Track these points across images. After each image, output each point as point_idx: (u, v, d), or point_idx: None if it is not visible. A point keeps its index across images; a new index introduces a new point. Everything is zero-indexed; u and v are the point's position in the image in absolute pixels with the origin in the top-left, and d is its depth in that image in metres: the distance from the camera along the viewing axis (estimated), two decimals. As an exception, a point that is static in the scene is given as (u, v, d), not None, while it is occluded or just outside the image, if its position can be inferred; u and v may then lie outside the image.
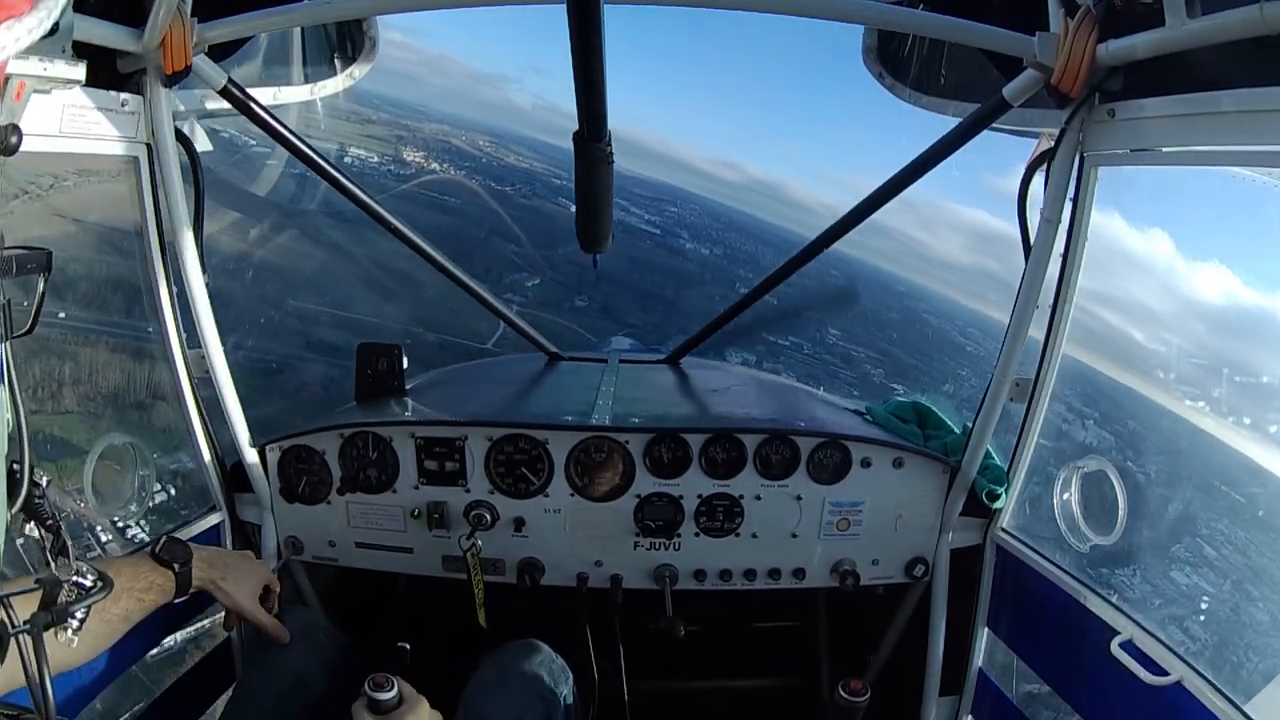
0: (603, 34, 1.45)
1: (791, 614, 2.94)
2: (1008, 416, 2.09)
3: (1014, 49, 1.74)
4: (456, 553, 2.28)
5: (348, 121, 45.91)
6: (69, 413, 3.39)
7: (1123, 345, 6.03)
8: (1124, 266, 3.74)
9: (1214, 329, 9.31)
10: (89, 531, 3.18)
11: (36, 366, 3.38)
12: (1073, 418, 10.52)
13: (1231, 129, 1.48)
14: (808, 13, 1.84)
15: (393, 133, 42.78)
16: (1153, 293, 7.89)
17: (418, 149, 39.04)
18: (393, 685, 1.55)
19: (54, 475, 1.08)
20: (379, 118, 44.16)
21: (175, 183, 1.98)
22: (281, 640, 1.88)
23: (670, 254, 31.31)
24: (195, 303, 2.08)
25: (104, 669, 1.82)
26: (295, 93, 2.46)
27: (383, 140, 42.04)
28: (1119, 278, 3.71)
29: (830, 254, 2.52)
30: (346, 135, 42.86)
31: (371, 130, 40.96)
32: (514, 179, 37.54)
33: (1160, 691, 1.64)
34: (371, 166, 38.24)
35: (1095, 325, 2.20)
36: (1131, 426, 6.38)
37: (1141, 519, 9.46)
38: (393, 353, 2.57)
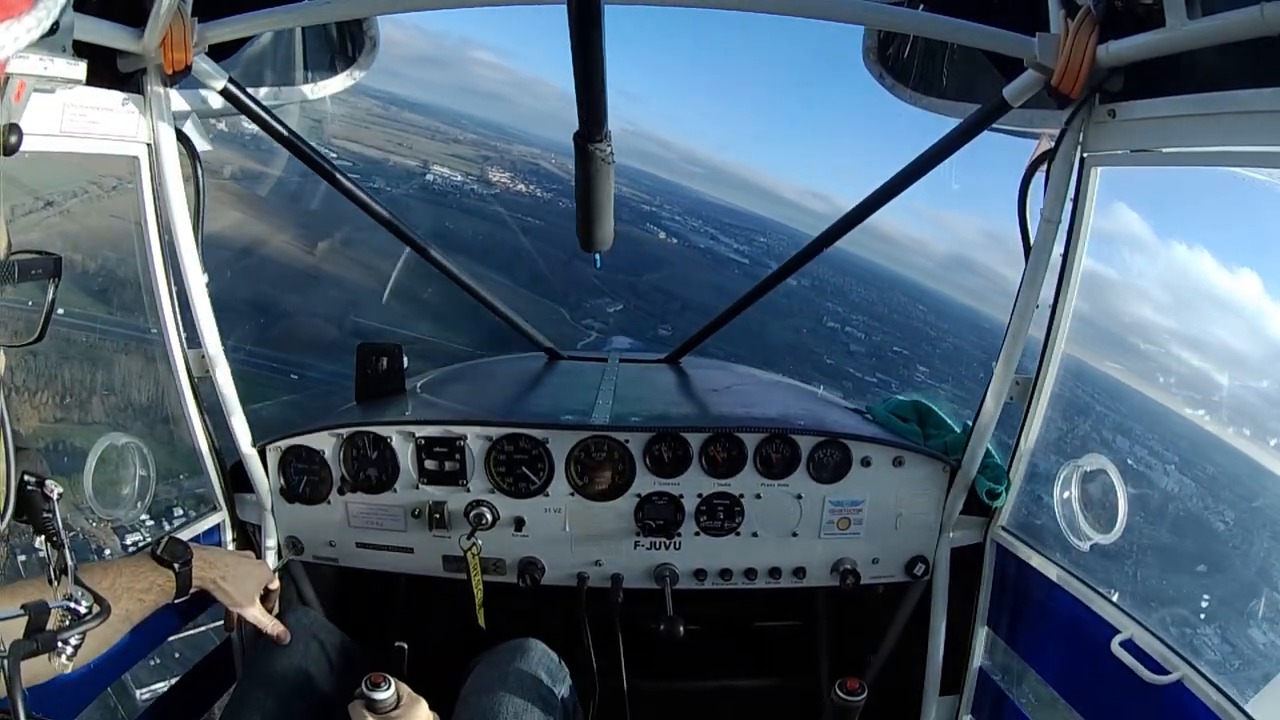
0: (603, 34, 1.45)
1: (792, 613, 2.95)
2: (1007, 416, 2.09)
3: (1014, 50, 1.75)
4: (456, 552, 2.28)
5: (432, 140, 46.23)
6: (71, 414, 3.38)
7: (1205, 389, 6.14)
8: (1209, 306, 3.71)
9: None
10: (88, 533, 3.18)
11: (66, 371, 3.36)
12: (1155, 462, 10.47)
13: (1232, 130, 1.48)
14: (808, 13, 1.84)
15: (479, 153, 42.79)
16: (1240, 335, 7.90)
17: (504, 169, 39.13)
18: (389, 684, 1.55)
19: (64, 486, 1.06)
20: (465, 137, 44.24)
21: (175, 183, 1.98)
22: (281, 640, 1.88)
23: (757, 284, 31.47)
24: (195, 303, 2.08)
25: (104, 669, 1.82)
26: (295, 93, 2.45)
27: (468, 160, 42.14)
28: (1206, 320, 3.66)
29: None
30: (430, 153, 43.12)
31: (457, 149, 40.94)
32: None
33: (1161, 690, 1.64)
34: (454, 185, 38.32)
35: (1182, 370, 2.19)
36: (1210, 471, 6.41)
37: (1225, 572, 9.27)
38: (393, 353, 2.57)
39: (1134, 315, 47.96)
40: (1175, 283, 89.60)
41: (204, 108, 2.10)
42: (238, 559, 1.94)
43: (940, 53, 2.29)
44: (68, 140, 1.71)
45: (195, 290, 2.06)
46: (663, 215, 36.23)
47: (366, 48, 2.45)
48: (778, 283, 2.75)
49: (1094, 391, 12.50)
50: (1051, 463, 2.07)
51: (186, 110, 2.03)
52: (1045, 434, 2.10)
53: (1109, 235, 28.69)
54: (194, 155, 2.03)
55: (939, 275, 49.15)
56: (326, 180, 2.34)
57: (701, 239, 34.35)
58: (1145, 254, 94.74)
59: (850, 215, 2.36)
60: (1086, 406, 12.56)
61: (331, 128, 39.69)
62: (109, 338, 12.33)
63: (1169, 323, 67.89)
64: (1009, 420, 2.09)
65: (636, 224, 33.84)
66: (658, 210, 35.95)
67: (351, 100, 9.62)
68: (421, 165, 39.92)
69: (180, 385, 2.13)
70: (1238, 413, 12.52)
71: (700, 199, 37.80)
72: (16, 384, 11.13)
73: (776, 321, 25.66)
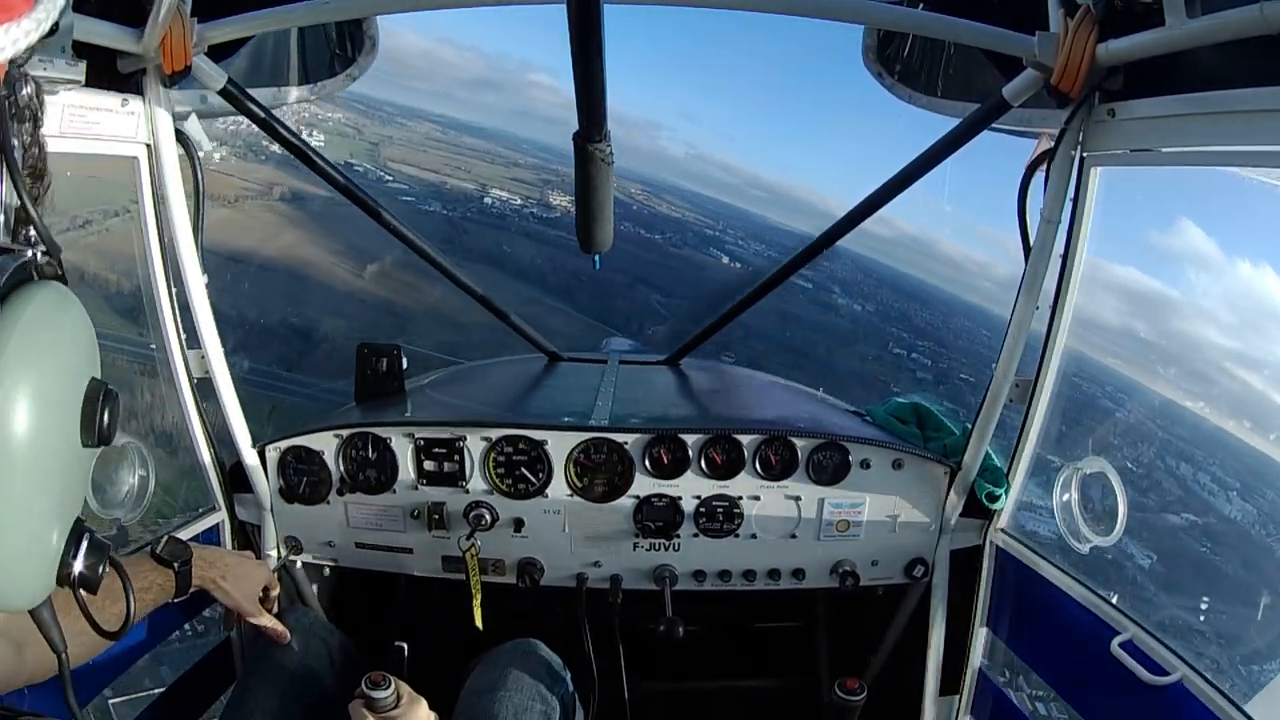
0: (603, 34, 1.45)
1: (791, 614, 2.94)
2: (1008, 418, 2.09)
3: (1013, 49, 1.74)
4: (456, 553, 2.28)
5: (492, 164, 46.19)
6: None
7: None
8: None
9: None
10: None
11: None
12: (1218, 490, 10.48)
13: (1232, 129, 1.47)
14: (808, 13, 1.84)
15: (539, 176, 42.76)
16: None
17: (565, 193, 39.14)
18: (389, 684, 1.55)
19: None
20: (525, 161, 44.23)
21: (175, 183, 1.98)
22: (281, 640, 1.88)
23: (823, 310, 31.09)
24: (195, 303, 2.08)
25: (104, 669, 1.82)
26: (295, 92, 2.45)
27: (528, 183, 42.19)
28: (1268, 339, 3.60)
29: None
30: (490, 177, 43.16)
31: (517, 173, 41.05)
32: (665, 228, 37.82)
33: (1161, 691, 1.63)
34: (513, 208, 38.29)
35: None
36: (1270, 498, 6.39)
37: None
38: (392, 353, 2.57)
39: (1198, 336, 47.14)
40: (1242, 303, 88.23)
41: (204, 108, 2.11)
42: (237, 559, 1.94)
43: (940, 52, 2.29)
44: (67, 141, 1.71)
45: (195, 291, 2.07)
46: (726, 240, 36.14)
47: (366, 47, 2.45)
48: (778, 284, 2.75)
49: (1156, 417, 12.42)
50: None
51: (186, 110, 2.04)
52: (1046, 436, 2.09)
53: (1173, 253, 27.88)
54: (194, 155, 2.04)
55: (1001, 299, 49.81)
56: (325, 179, 2.34)
57: (765, 263, 34.58)
58: (1211, 273, 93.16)
59: (850, 215, 2.36)
60: (1150, 433, 12.50)
61: (389, 151, 39.64)
62: (139, 360, 12.19)
63: (1234, 345, 66.86)
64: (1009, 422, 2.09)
65: (700, 249, 33.78)
66: (721, 235, 35.91)
67: (410, 125, 9.60)
68: (480, 189, 40.04)
69: (180, 386, 2.13)
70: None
71: (765, 223, 37.49)
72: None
73: (842, 349, 25.50)
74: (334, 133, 41.37)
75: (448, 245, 30.84)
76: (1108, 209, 1.82)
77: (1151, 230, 29.08)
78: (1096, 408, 18.07)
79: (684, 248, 31.53)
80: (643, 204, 36.31)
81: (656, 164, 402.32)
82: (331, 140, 41.01)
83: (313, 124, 41.75)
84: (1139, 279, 27.49)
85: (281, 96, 2.41)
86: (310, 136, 39.45)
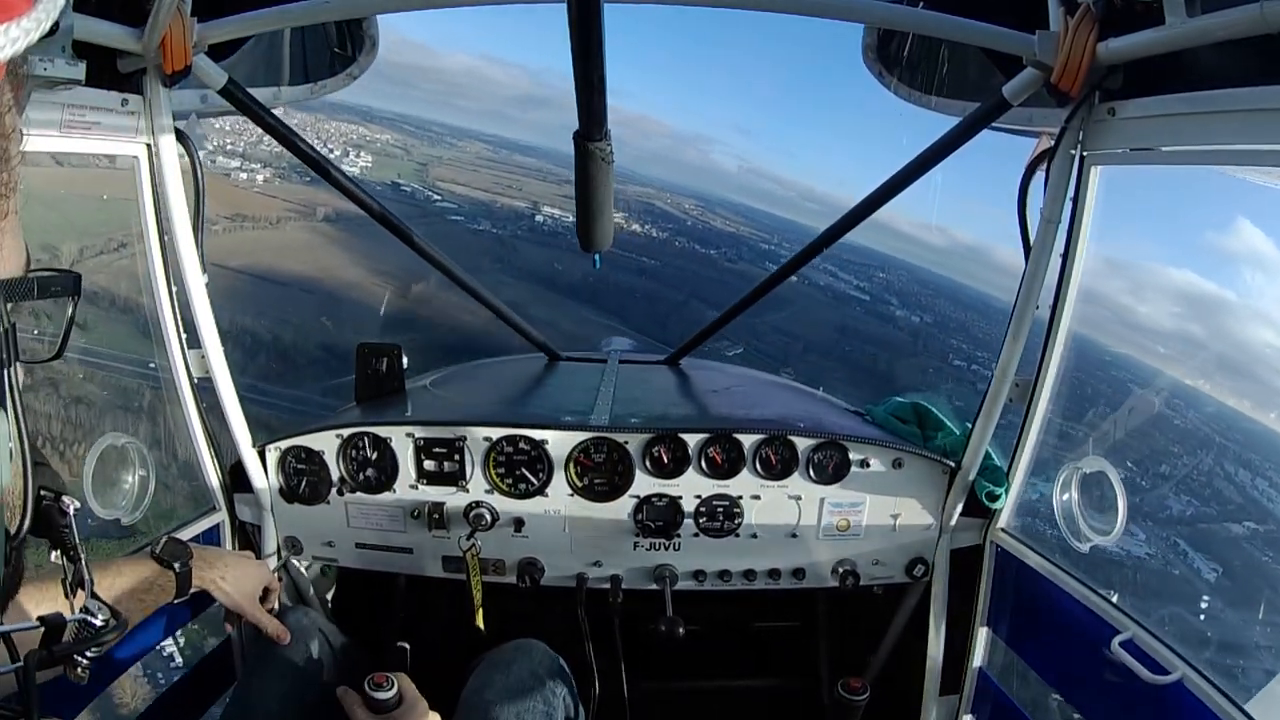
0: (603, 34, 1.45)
1: (791, 614, 2.94)
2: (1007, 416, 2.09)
3: (1014, 47, 1.74)
4: (456, 553, 2.28)
5: (544, 181, 46.24)
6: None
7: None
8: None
9: None
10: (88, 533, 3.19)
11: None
12: (1276, 495, 10.21)
13: (1232, 128, 1.47)
14: (808, 11, 1.84)
15: None
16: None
17: (618, 209, 39.19)
18: (392, 685, 1.55)
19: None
20: None
21: (175, 183, 1.98)
22: (281, 640, 1.88)
23: (881, 321, 30.77)
24: (195, 303, 2.08)
25: (104, 669, 1.82)
26: (295, 93, 2.46)
27: None
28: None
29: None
30: (541, 195, 43.18)
31: (569, 190, 40.65)
32: (720, 243, 37.58)
33: (1161, 690, 1.63)
34: (565, 225, 38.03)
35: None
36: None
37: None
38: (393, 353, 2.57)
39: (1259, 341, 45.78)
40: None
41: (204, 108, 2.11)
42: (237, 559, 1.94)
43: (940, 51, 2.29)
44: (67, 140, 1.71)
45: (195, 291, 2.07)
46: (781, 254, 35.97)
47: (366, 47, 2.45)
48: (778, 283, 2.76)
49: (1214, 423, 12.28)
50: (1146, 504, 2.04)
51: (186, 110, 2.04)
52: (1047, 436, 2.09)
53: (1231, 254, 26.67)
54: (194, 155, 2.03)
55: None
56: (324, 178, 2.34)
57: (821, 276, 33.68)
58: (1267, 274, 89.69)
59: (850, 215, 2.36)
60: (1208, 439, 12.37)
61: (438, 171, 39.54)
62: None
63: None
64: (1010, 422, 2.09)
65: (756, 263, 33.58)
66: (776, 249, 35.80)
67: (460, 145, 9.45)
68: (531, 206, 40.01)
69: (180, 386, 2.13)
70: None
71: (819, 236, 37.28)
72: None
73: (902, 361, 25.25)
74: (381, 153, 41.30)
75: (498, 264, 30.72)
76: (1165, 209, 1.82)
77: (1208, 231, 28.66)
78: (1155, 415, 17.53)
79: (739, 262, 31.47)
80: (696, 219, 36.11)
81: (709, 179, 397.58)
82: (379, 161, 40.90)
83: (360, 145, 41.63)
84: (1195, 281, 26.95)
85: (281, 96, 2.41)
86: (358, 158, 39.11)
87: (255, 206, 33.39)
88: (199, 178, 2.07)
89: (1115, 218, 1.88)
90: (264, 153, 37.90)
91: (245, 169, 37.14)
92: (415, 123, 41.21)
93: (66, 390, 9.52)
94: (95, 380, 10.30)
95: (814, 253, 2.58)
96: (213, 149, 18.24)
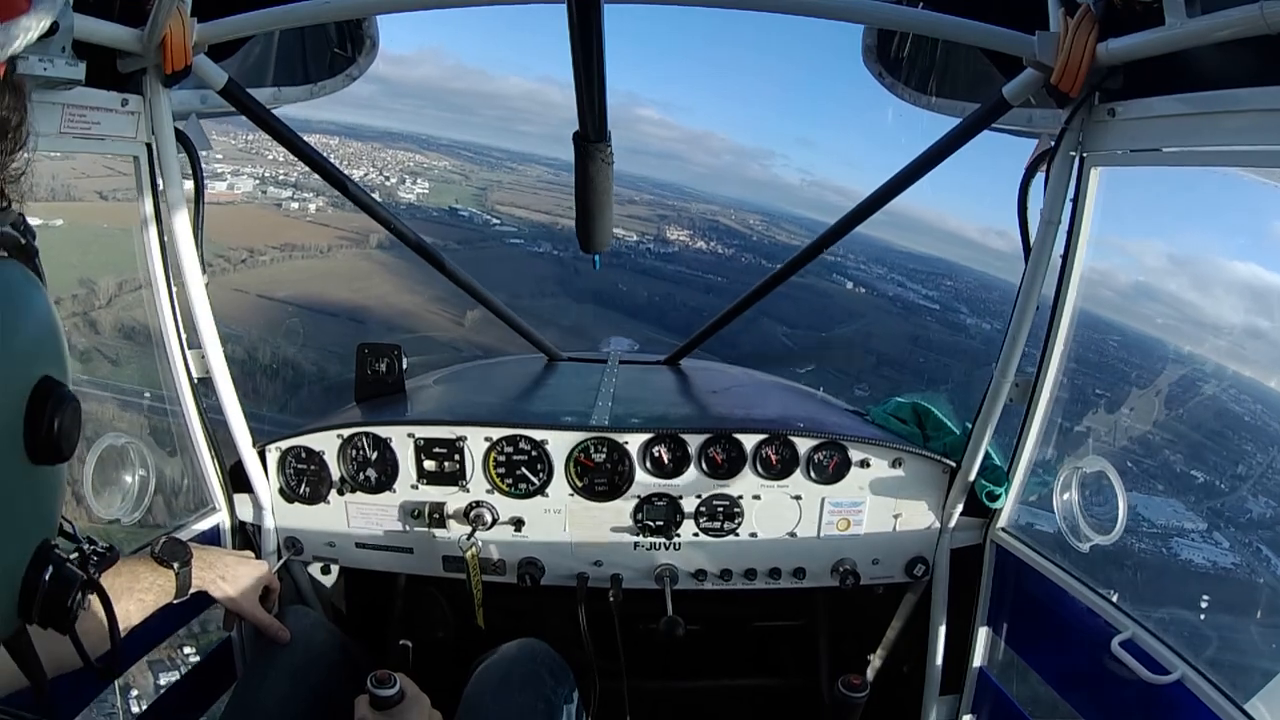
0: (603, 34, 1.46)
1: (791, 613, 2.94)
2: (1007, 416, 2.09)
3: (1014, 48, 1.74)
4: (456, 553, 2.28)
5: None
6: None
7: None
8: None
9: None
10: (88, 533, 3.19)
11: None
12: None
13: (1232, 128, 1.48)
14: (808, 12, 1.84)
15: (655, 212, 42.31)
16: None
17: (682, 227, 38.76)
18: (395, 682, 1.55)
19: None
20: (641, 198, 43.85)
21: (175, 183, 1.98)
22: (281, 640, 1.88)
23: (953, 330, 30.38)
24: (195, 303, 2.08)
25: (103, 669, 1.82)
26: (295, 93, 2.45)
27: (644, 220, 41.83)
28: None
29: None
30: None
31: (633, 210, 40.19)
32: (786, 256, 37.13)
33: (1161, 690, 1.63)
34: (629, 245, 37.78)
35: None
36: None
37: None
38: (393, 353, 2.57)
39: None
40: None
41: (204, 108, 2.11)
42: (237, 559, 1.94)
43: (940, 52, 2.29)
44: (67, 141, 1.71)
45: (195, 291, 2.06)
46: (848, 265, 35.40)
47: (365, 47, 2.45)
48: (778, 284, 2.75)
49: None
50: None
51: (186, 110, 2.04)
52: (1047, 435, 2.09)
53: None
54: (194, 155, 2.03)
55: (1124, 308, 44.96)
56: (325, 179, 2.34)
57: (890, 286, 33.17)
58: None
59: (850, 216, 2.36)
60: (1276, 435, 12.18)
61: (497, 195, 39.29)
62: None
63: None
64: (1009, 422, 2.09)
65: (823, 276, 33.03)
66: (842, 260, 35.17)
67: (520, 169, 9.11)
68: None
69: (180, 386, 2.13)
70: None
71: (885, 246, 36.00)
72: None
73: (980, 370, 24.98)
74: (439, 180, 40.82)
75: (559, 286, 30.25)
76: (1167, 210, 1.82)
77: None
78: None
79: (806, 275, 30.62)
80: (762, 234, 35.68)
81: (773, 193, 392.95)
82: (436, 187, 40.32)
83: (417, 172, 41.14)
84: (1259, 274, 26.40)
85: (281, 97, 2.41)
86: (414, 184, 37.53)
87: (306, 235, 32.38)
88: (199, 178, 2.07)
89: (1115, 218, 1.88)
90: (316, 182, 37.19)
91: (297, 198, 36.66)
92: (475, 149, 40.72)
93: (93, 429, 9.44)
94: (124, 421, 10.25)
95: (813, 254, 2.59)
96: (262, 180, 17.97)
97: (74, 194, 20.36)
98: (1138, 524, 10.37)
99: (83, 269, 15.72)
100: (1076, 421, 2.14)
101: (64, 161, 2.24)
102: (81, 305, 18.87)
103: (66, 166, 2.93)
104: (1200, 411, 14.04)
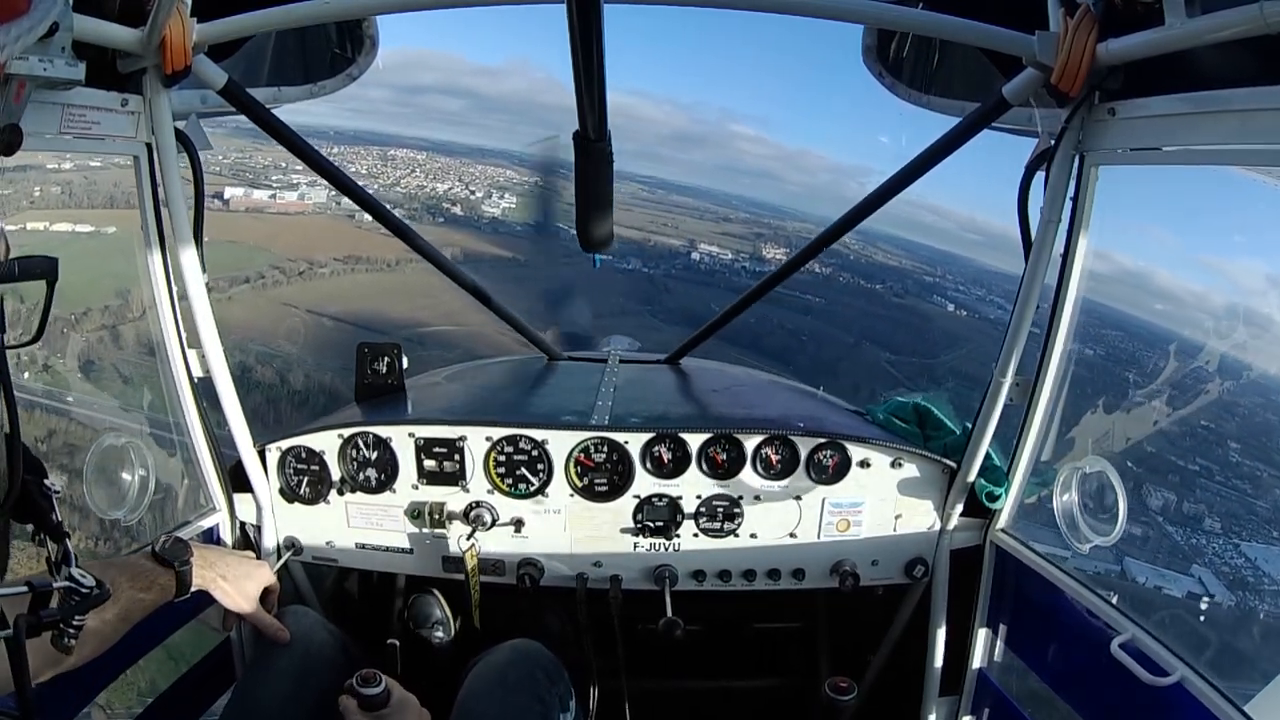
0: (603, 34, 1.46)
1: (791, 614, 2.94)
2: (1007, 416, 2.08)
3: (1014, 48, 1.74)
4: (456, 553, 2.28)
5: (701, 220, 45.63)
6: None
7: None
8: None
9: None
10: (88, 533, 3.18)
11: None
12: None
13: (1231, 128, 1.47)
14: (808, 12, 1.84)
15: (751, 230, 41.90)
16: None
17: (778, 245, 38.18)
18: (380, 681, 1.55)
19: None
20: (737, 216, 43.35)
21: (175, 183, 1.98)
22: (281, 640, 1.88)
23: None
24: (195, 303, 2.08)
25: (104, 669, 1.82)
26: (295, 93, 2.46)
27: (739, 237, 41.55)
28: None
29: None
30: (698, 232, 42.88)
31: (728, 228, 39.62)
32: (884, 277, 36.42)
33: (1161, 692, 1.63)
34: (723, 263, 37.00)
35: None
36: None
37: None
38: (392, 352, 2.57)
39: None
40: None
41: (204, 108, 2.11)
42: (237, 559, 1.94)
43: (940, 51, 2.29)
44: (67, 141, 1.71)
45: (194, 290, 2.07)
46: (947, 286, 35.05)
47: (365, 47, 2.45)
48: (778, 284, 2.76)
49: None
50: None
51: (186, 110, 2.04)
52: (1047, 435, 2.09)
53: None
54: (194, 155, 2.03)
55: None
56: (326, 179, 2.34)
57: (990, 309, 31.76)
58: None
59: (850, 216, 2.37)
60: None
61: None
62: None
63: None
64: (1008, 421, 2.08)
65: (923, 297, 32.42)
66: (941, 281, 34.42)
67: (615, 186, 8.87)
68: (687, 244, 39.26)
69: (180, 385, 2.13)
70: None
71: (982, 267, 35.02)
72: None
73: (1079, 395, 24.65)
74: (527, 195, 40.42)
75: (647, 305, 29.68)
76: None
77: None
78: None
79: (906, 296, 29.68)
80: (858, 254, 35.08)
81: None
82: (523, 202, 39.81)
83: (505, 187, 40.80)
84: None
85: (281, 96, 2.41)
86: (501, 199, 35.26)
87: (374, 248, 31.19)
88: (199, 178, 2.07)
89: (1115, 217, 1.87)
90: (397, 194, 37.33)
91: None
92: (569, 167, 40.84)
93: (93, 430, 9.50)
94: (124, 420, 10.22)
95: (812, 254, 2.59)
96: (337, 191, 17.40)
97: (133, 202, 20.32)
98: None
99: (119, 281, 15.50)
100: (1076, 421, 2.14)
101: (123, 170, 2.26)
102: (131, 312, 18.59)
103: (124, 175, 2.95)
104: (1200, 411, 13.77)
